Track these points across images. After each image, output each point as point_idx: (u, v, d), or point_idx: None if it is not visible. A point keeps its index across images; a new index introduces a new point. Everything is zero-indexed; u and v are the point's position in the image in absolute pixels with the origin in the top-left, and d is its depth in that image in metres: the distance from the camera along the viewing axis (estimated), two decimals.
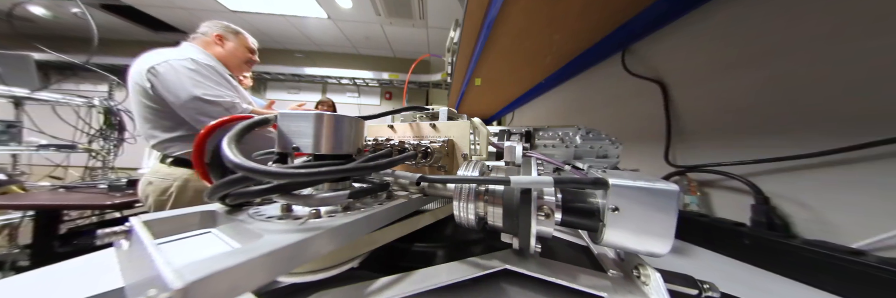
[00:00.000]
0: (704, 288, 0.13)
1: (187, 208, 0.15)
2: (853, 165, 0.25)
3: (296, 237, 0.10)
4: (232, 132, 0.14)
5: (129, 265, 0.11)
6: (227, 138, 0.13)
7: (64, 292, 0.20)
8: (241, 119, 0.17)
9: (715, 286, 0.13)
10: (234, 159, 0.11)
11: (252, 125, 0.16)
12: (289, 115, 0.16)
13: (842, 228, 0.26)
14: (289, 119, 0.16)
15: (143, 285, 0.08)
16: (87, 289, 0.19)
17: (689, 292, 0.13)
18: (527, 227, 0.14)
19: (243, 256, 0.08)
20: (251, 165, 0.11)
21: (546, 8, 0.43)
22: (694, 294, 0.13)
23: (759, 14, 0.33)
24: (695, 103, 0.41)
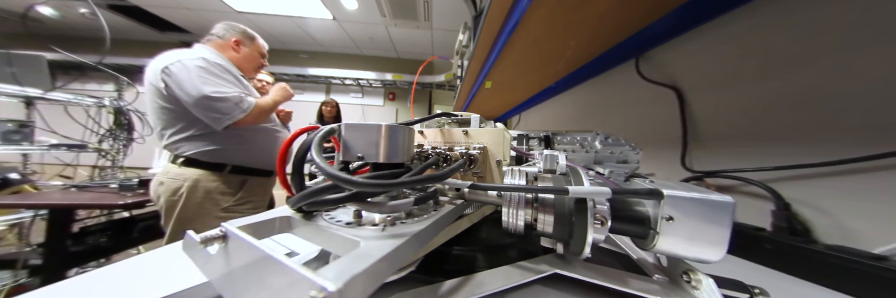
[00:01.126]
0: (755, 292, 0.14)
1: (266, 213, 0.16)
2: (872, 173, 0.26)
3: (393, 243, 0.11)
4: (314, 144, 0.15)
5: (225, 265, 0.12)
6: (314, 151, 0.14)
7: (145, 287, 0.21)
8: (310, 129, 0.18)
9: (765, 290, 0.14)
10: (331, 171, 0.12)
11: (326, 135, 0.17)
12: (353, 126, 0.17)
13: (862, 234, 0.27)
14: (353, 129, 0.17)
15: (273, 286, 0.09)
16: (159, 287, 0.20)
17: (740, 296, 0.14)
18: (582, 234, 0.15)
19: (367, 260, 0.09)
20: (350, 177, 0.12)
21: (565, 16, 0.44)
22: (746, 297, 0.14)
23: (775, 26, 0.34)
24: (711, 109, 0.42)
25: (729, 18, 0.39)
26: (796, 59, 0.32)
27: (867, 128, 0.27)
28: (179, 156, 0.80)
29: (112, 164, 1.45)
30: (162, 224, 0.81)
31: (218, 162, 0.82)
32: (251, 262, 0.10)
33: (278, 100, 0.93)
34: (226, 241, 0.12)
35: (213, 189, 0.81)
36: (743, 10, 0.37)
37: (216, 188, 0.81)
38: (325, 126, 0.18)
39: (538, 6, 0.38)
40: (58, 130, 1.39)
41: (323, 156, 0.14)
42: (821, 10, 0.30)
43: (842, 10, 0.29)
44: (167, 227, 0.78)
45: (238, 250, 0.11)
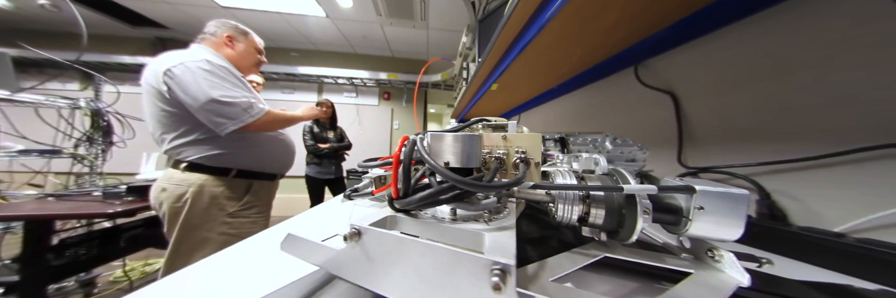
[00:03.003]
0: (763, 262, 0.19)
1: (375, 214, 0.18)
2: (834, 168, 0.32)
3: (508, 233, 0.14)
4: (427, 154, 0.17)
5: (366, 258, 0.14)
6: (432, 161, 0.17)
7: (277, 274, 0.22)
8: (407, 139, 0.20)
9: (770, 260, 0.19)
10: (454, 176, 0.15)
11: (412, 146, 0.19)
12: (437, 136, 0.20)
13: (825, 216, 0.33)
14: (437, 139, 0.20)
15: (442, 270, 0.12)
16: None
17: (751, 265, 0.19)
18: (632, 224, 0.19)
19: (509, 244, 0.12)
20: (476, 182, 0.15)
21: (578, 27, 0.48)
22: (755, 266, 0.18)
23: (762, 41, 0.40)
24: (704, 113, 0.47)
25: (718, 34, 0.44)
26: (777, 72, 0.38)
27: (832, 130, 0.33)
28: (182, 161, 0.78)
29: (90, 170, 1.35)
30: (165, 231, 0.78)
31: (223, 166, 0.81)
32: (406, 252, 0.13)
33: (300, 118, 0.93)
34: (360, 238, 0.15)
35: (218, 194, 0.79)
36: (730, 28, 0.43)
37: (222, 193, 0.80)
38: (413, 136, 0.20)
39: (556, 19, 0.42)
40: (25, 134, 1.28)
41: (439, 165, 0.16)
42: (796, 31, 0.36)
43: (811, 37, 0.35)
44: (171, 235, 0.76)
45: (384, 244, 0.14)
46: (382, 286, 0.13)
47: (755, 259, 0.19)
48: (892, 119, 0.28)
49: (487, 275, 0.11)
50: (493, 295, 0.10)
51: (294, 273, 0.22)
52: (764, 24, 0.39)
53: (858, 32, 0.31)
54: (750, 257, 0.19)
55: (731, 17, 0.41)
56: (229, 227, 0.81)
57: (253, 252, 0.31)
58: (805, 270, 0.27)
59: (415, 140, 0.19)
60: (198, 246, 0.77)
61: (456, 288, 0.11)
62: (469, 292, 0.11)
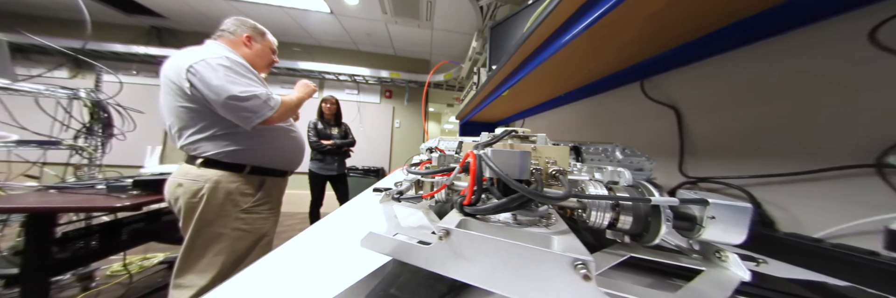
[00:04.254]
0: (759, 261, 0.23)
1: (448, 219, 0.21)
2: (815, 182, 0.37)
3: (571, 235, 0.17)
4: (503, 173, 0.21)
5: (454, 254, 0.18)
6: (508, 179, 0.20)
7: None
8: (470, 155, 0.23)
9: (765, 259, 0.23)
10: (527, 189, 0.18)
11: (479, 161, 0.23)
12: (499, 152, 0.23)
13: (806, 224, 0.38)
14: (499, 154, 0.23)
15: (524, 265, 0.15)
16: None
17: (750, 264, 0.23)
18: (656, 229, 0.23)
19: (577, 244, 0.15)
20: (545, 194, 0.18)
21: (595, 44, 0.52)
22: (754, 265, 0.23)
23: (756, 68, 0.44)
24: (704, 128, 0.52)
25: (720, 58, 0.49)
26: (768, 95, 0.43)
27: (816, 150, 0.37)
28: (198, 157, 0.79)
29: (89, 162, 1.33)
30: (180, 226, 0.79)
31: (238, 162, 0.82)
32: (489, 249, 0.16)
33: (302, 97, 0.94)
34: (448, 236, 0.18)
35: (233, 190, 0.81)
36: (730, 54, 0.47)
37: (237, 189, 0.81)
38: (477, 151, 0.23)
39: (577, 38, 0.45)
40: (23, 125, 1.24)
41: (513, 180, 0.20)
42: (789, 60, 0.41)
43: (798, 68, 0.39)
44: (187, 230, 0.77)
45: (473, 243, 0.17)
46: (473, 277, 0.17)
47: (753, 259, 0.24)
48: (863, 143, 0.33)
49: (571, 269, 0.14)
50: (584, 283, 0.13)
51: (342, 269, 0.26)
52: (759, 54, 0.44)
53: (838, 67, 0.35)
54: (749, 257, 0.24)
55: (731, 45, 0.46)
56: (243, 223, 0.83)
57: (301, 251, 0.33)
58: (789, 270, 0.32)
59: (481, 155, 0.23)
60: (212, 241, 0.79)
61: (544, 279, 0.15)
62: (560, 282, 0.14)
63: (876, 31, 0.31)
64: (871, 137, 0.33)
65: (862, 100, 0.34)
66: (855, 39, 0.33)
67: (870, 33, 0.32)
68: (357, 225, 0.41)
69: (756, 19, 0.40)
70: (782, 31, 0.40)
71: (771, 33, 0.41)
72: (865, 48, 0.32)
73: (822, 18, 0.36)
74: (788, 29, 0.39)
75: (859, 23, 0.33)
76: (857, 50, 0.33)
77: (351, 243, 0.34)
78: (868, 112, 0.33)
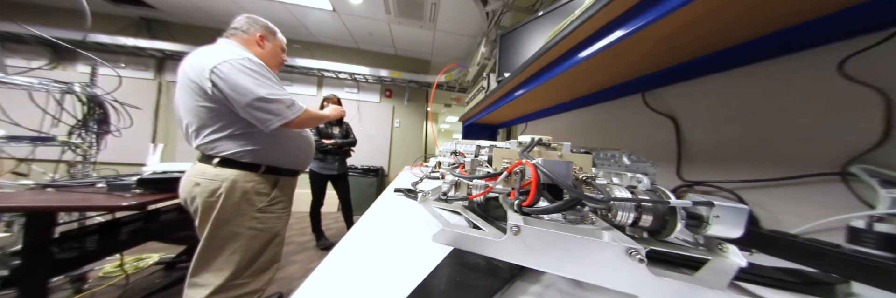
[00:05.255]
0: (752, 252, 0.28)
1: (509, 216, 0.25)
2: (791, 187, 0.44)
3: (616, 232, 0.22)
4: (557, 175, 0.25)
5: (525, 246, 0.22)
6: (566, 186, 0.24)
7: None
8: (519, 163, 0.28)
9: (758, 251, 0.28)
10: (583, 193, 0.23)
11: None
12: (549, 161, 0.27)
13: (785, 222, 0.44)
14: (549, 163, 0.27)
15: (580, 254, 0.20)
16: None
17: (745, 253, 0.28)
18: (673, 226, 0.28)
19: (624, 237, 0.20)
20: (596, 197, 0.23)
21: (607, 60, 0.57)
22: (748, 254, 0.28)
23: (744, 87, 0.51)
24: (698, 137, 0.59)
25: (715, 77, 0.55)
26: (756, 111, 0.49)
27: (793, 159, 0.44)
28: (214, 157, 0.79)
29: (83, 159, 1.28)
30: (196, 225, 0.80)
31: (254, 162, 0.83)
32: (555, 241, 0.21)
33: (328, 116, 0.97)
34: (519, 231, 0.22)
35: (249, 189, 0.82)
36: (725, 73, 0.54)
37: (252, 188, 0.83)
38: (533, 160, 0.28)
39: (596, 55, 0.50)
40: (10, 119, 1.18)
41: (571, 186, 0.24)
42: (773, 82, 0.47)
43: (781, 88, 0.46)
44: (204, 228, 0.78)
45: (543, 237, 0.21)
46: (544, 265, 0.21)
47: (747, 249, 0.29)
48: (831, 155, 0.39)
49: (627, 255, 0.19)
50: (639, 266, 0.18)
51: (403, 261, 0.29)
52: (748, 75, 0.50)
53: (812, 91, 0.42)
54: (743, 249, 0.29)
55: (724, 66, 0.52)
56: (257, 222, 0.84)
57: (360, 248, 0.36)
58: (772, 260, 0.38)
59: (537, 164, 0.27)
60: (228, 240, 0.80)
61: (603, 264, 0.19)
62: (618, 266, 0.19)
63: (844, 63, 0.38)
64: (837, 150, 0.39)
65: (830, 120, 0.40)
66: (827, 69, 0.40)
67: (838, 64, 0.38)
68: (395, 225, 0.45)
69: (746, 46, 0.46)
70: (768, 58, 0.47)
71: (759, 59, 0.48)
72: (834, 77, 0.39)
73: (801, 49, 0.42)
74: (774, 56, 0.46)
75: (831, 55, 0.39)
76: (828, 77, 0.40)
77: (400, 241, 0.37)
78: (834, 130, 0.40)
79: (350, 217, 2.28)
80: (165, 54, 2.55)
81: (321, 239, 2.08)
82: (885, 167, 0.35)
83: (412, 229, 0.42)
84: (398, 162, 3.31)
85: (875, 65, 0.36)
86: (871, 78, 0.36)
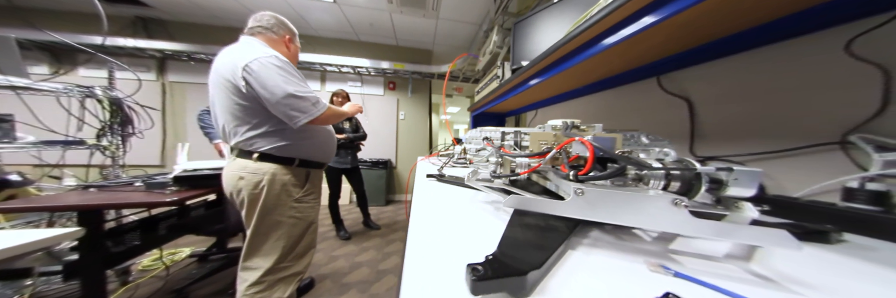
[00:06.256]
0: (764, 208, 0.34)
1: (564, 183, 0.31)
2: (792, 157, 0.49)
3: (657, 190, 0.28)
4: (603, 150, 0.30)
5: (588, 204, 0.28)
6: (617, 156, 0.30)
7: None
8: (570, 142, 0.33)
9: (770, 209, 0.34)
10: (643, 161, 0.28)
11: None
12: (599, 138, 0.32)
13: (787, 188, 0.50)
14: (600, 140, 0.32)
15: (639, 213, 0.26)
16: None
17: (758, 208, 0.34)
18: (698, 189, 0.34)
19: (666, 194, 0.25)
20: (650, 164, 0.28)
21: (625, 48, 0.60)
22: (759, 209, 0.34)
23: (755, 69, 0.55)
24: (710, 116, 0.64)
25: (727, 59, 0.59)
26: (765, 90, 0.54)
27: (800, 132, 0.49)
28: (253, 152, 0.84)
29: (113, 162, 1.33)
30: (244, 216, 0.86)
31: (288, 156, 0.88)
32: (614, 199, 0.26)
33: (348, 112, 1.00)
34: (584, 193, 0.28)
35: (286, 181, 0.88)
36: (737, 56, 0.57)
37: (289, 180, 0.88)
38: (585, 138, 0.33)
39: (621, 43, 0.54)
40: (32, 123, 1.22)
41: (629, 157, 0.29)
42: (782, 63, 0.51)
43: (788, 70, 0.50)
44: (251, 218, 0.85)
45: (604, 196, 0.27)
46: (605, 217, 0.27)
47: (759, 204, 0.35)
48: (831, 127, 0.45)
49: (672, 205, 0.24)
50: (682, 211, 0.23)
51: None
52: (759, 57, 0.54)
53: (819, 70, 0.46)
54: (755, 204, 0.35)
55: (737, 48, 0.56)
56: (296, 211, 0.91)
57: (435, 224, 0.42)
58: (776, 220, 0.45)
59: (592, 141, 0.32)
60: (273, 228, 0.87)
61: (654, 212, 0.25)
62: (666, 213, 0.24)
63: (852, 42, 0.42)
64: (837, 123, 0.44)
65: (833, 96, 0.45)
66: (833, 49, 0.44)
67: (846, 44, 0.42)
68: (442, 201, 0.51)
69: (757, 30, 0.50)
70: (779, 40, 0.50)
71: (770, 41, 0.51)
72: (841, 56, 0.43)
73: (809, 32, 0.46)
74: (784, 38, 0.50)
75: (836, 36, 0.43)
76: (834, 57, 0.44)
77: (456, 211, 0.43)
78: (836, 104, 0.45)
79: (365, 207, 2.37)
80: (165, 54, 2.52)
81: (341, 230, 2.18)
82: (882, 135, 0.40)
83: (460, 202, 0.48)
84: (405, 154, 3.37)
85: (879, 43, 0.40)
86: (874, 56, 0.40)
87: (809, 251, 0.33)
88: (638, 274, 0.24)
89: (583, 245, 0.31)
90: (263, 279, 0.85)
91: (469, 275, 0.19)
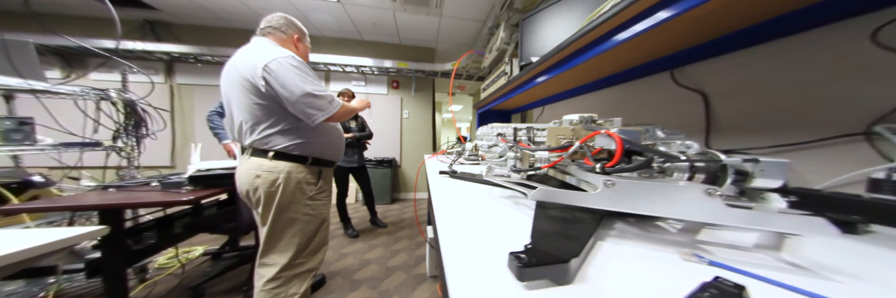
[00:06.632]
0: (791, 198, 0.34)
1: (591, 176, 0.31)
2: (813, 149, 0.49)
3: (686, 181, 0.28)
4: (637, 144, 0.30)
5: (618, 195, 0.28)
6: (642, 149, 0.30)
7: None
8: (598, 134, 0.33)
9: (797, 201, 0.34)
10: (670, 153, 0.28)
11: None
12: (625, 131, 0.33)
13: (811, 180, 0.50)
14: (626, 133, 0.33)
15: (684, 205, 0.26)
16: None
17: (785, 198, 0.34)
18: (724, 181, 0.34)
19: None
20: (679, 156, 0.28)
21: (640, 41, 0.60)
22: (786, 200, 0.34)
23: (774, 61, 0.54)
24: (727, 109, 0.63)
25: (744, 52, 0.58)
26: (785, 82, 0.53)
27: (820, 124, 0.49)
28: (268, 151, 0.86)
29: (128, 163, 1.36)
30: (260, 213, 0.88)
31: (302, 154, 0.90)
32: (646, 189, 0.27)
33: (358, 108, 1.03)
34: (614, 185, 0.28)
35: (301, 179, 0.89)
36: (754, 48, 0.57)
37: (303, 178, 0.90)
38: (609, 131, 0.33)
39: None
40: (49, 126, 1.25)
41: (653, 150, 0.30)
42: (803, 54, 0.51)
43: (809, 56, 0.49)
44: (267, 216, 0.86)
45: (634, 187, 0.27)
46: (635, 208, 0.27)
47: (785, 195, 0.35)
48: (856, 119, 0.44)
49: (706, 195, 0.24)
50: (715, 200, 0.24)
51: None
52: (778, 49, 0.53)
53: (843, 60, 0.46)
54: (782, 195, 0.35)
55: (755, 40, 0.55)
56: (310, 209, 0.92)
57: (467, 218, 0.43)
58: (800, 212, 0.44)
59: (619, 134, 0.32)
60: (288, 225, 0.88)
61: (686, 202, 0.25)
62: (699, 203, 0.24)
63: (878, 31, 0.41)
64: (862, 113, 0.44)
65: (856, 86, 0.44)
66: (858, 38, 0.43)
67: (872, 33, 0.42)
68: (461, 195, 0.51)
69: (777, 21, 0.49)
70: (799, 31, 0.49)
71: (789, 32, 0.51)
72: (866, 46, 0.42)
73: (831, 22, 0.45)
74: (803, 30, 0.49)
75: (863, 26, 0.42)
76: (858, 47, 0.43)
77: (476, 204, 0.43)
78: (860, 95, 0.44)
79: (372, 206, 2.39)
80: (172, 57, 2.55)
81: (349, 228, 2.21)
82: None
83: (478, 197, 0.49)
84: (410, 153, 3.38)
85: None
86: None
87: (839, 242, 0.33)
88: (672, 263, 0.24)
89: (610, 236, 0.32)
90: (280, 275, 0.87)
91: (514, 262, 0.19)
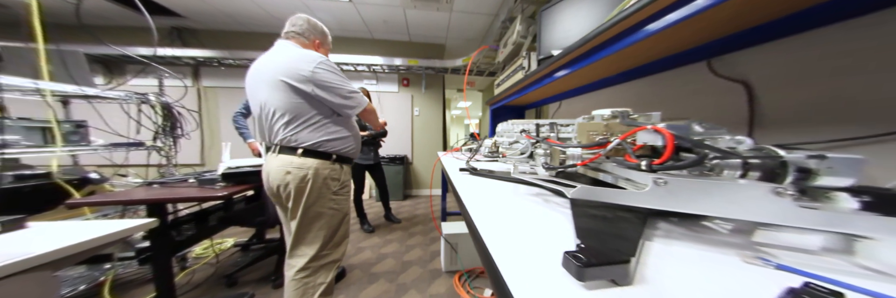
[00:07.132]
0: (863, 198, 0.31)
1: (635, 173, 0.30)
2: (879, 144, 0.44)
3: (744, 179, 0.26)
4: (683, 138, 0.29)
5: (670, 193, 0.26)
6: (696, 146, 0.28)
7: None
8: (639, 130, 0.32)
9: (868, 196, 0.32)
10: (723, 149, 0.26)
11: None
12: (673, 125, 0.31)
13: (880, 178, 0.45)
14: (674, 127, 0.31)
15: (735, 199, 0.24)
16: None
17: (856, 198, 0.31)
18: (783, 180, 0.31)
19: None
20: (736, 153, 0.26)
21: (672, 34, 0.56)
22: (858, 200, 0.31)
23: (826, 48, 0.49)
24: (774, 100, 0.58)
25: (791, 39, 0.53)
26: (846, 71, 0.48)
27: (867, 120, 0.44)
28: (296, 148, 0.90)
29: (167, 162, 1.47)
30: (290, 207, 0.93)
31: (327, 151, 0.93)
32: (703, 188, 0.25)
33: (376, 117, 1.14)
34: (667, 183, 0.27)
35: (327, 175, 0.93)
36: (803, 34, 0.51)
37: (329, 174, 0.94)
38: (657, 126, 0.31)
39: None
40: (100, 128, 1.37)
41: (712, 145, 0.28)
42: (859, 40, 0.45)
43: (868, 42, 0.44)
44: (297, 210, 0.91)
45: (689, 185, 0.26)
46: (688, 207, 0.26)
47: (856, 195, 0.32)
48: None
49: (774, 194, 0.23)
50: (786, 200, 0.22)
51: None
52: (830, 35, 0.48)
53: None
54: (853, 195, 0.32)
55: (804, 26, 0.50)
56: (334, 203, 0.96)
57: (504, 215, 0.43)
58: None
59: (669, 128, 0.31)
60: (315, 219, 0.93)
61: (748, 202, 0.24)
62: (766, 200, 0.23)
63: None
64: None
65: None
66: None
67: None
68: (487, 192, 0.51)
69: (828, 6, 0.44)
70: (853, 17, 0.44)
71: (842, 17, 0.45)
72: None
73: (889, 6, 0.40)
74: (859, 15, 0.43)
75: None
76: None
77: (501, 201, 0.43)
78: None
79: (387, 202, 2.45)
80: (198, 61, 2.70)
81: (365, 224, 2.28)
82: None
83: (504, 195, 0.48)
84: (421, 150, 3.41)
85: None
86: None
87: None
88: (734, 266, 0.23)
89: (656, 236, 0.30)
90: (309, 265, 0.92)
91: (572, 262, 0.19)
